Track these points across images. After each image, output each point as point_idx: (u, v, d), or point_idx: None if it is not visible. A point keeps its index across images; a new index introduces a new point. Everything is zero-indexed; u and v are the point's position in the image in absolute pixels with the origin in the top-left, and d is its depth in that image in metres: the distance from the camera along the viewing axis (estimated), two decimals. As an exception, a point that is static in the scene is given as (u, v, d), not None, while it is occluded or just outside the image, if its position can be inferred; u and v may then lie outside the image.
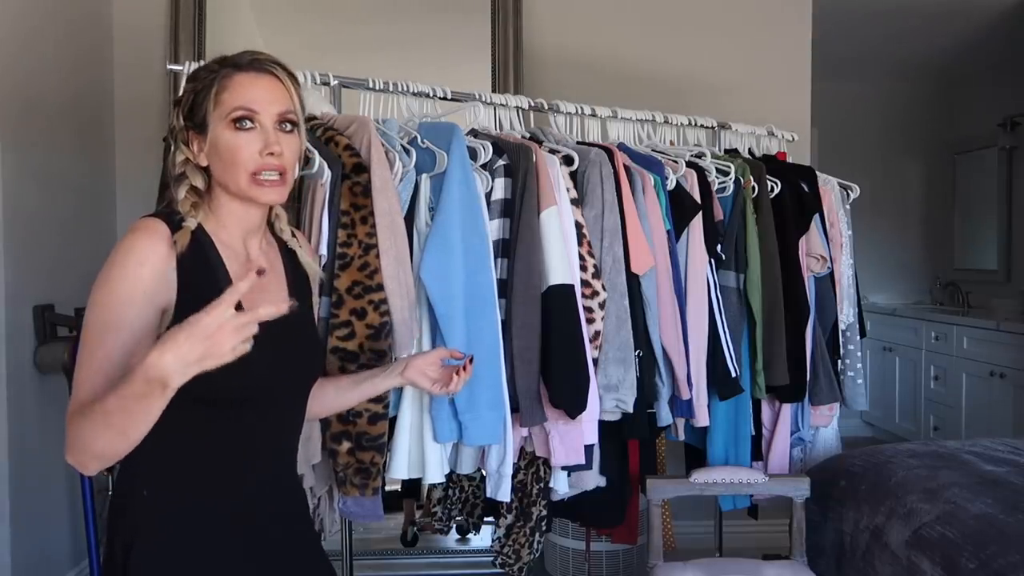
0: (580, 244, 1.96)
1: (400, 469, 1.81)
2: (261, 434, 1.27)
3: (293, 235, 1.41)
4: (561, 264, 1.89)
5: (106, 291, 1.14)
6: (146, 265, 1.14)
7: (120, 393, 1.02)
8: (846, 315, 2.74)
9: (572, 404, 1.87)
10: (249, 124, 1.21)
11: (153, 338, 1.14)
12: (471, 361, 1.47)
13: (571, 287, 1.90)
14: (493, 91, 2.95)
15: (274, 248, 1.36)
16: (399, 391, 1.81)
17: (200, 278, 1.18)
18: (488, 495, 1.91)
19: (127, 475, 1.22)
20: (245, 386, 1.18)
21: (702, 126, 2.60)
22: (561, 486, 2.03)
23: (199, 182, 1.25)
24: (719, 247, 2.30)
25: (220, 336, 0.97)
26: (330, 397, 1.47)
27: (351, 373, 1.56)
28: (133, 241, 1.16)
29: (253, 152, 1.21)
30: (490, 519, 2.24)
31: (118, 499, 1.24)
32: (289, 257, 1.39)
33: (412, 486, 2.83)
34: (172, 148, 1.26)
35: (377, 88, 2.06)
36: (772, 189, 2.44)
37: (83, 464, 1.11)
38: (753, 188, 2.39)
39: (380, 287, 1.69)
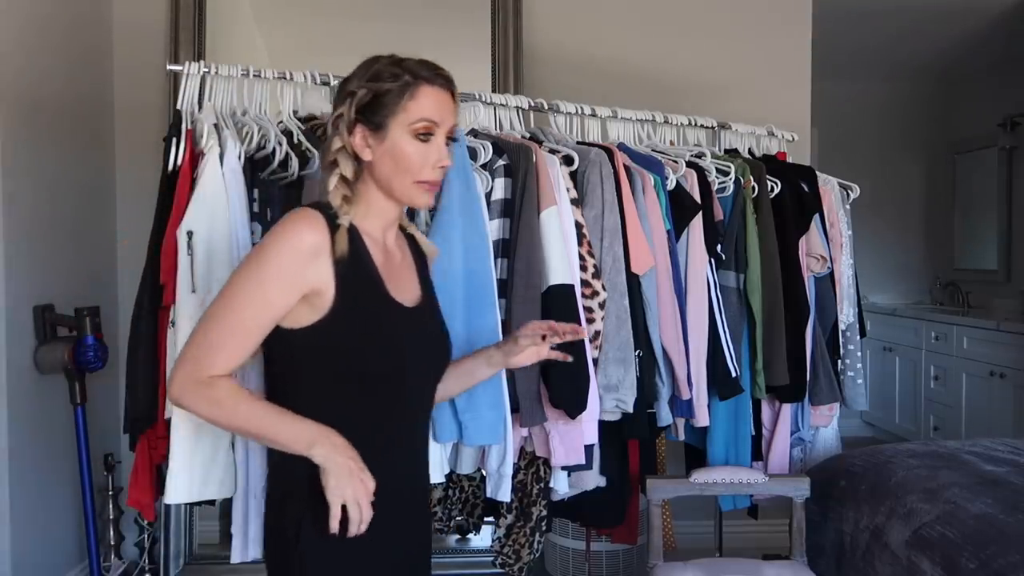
0: (580, 244, 1.96)
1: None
2: (400, 408, 1.35)
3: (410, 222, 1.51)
4: (561, 264, 1.89)
5: (255, 267, 1.23)
6: (299, 251, 1.22)
7: (264, 421, 1.23)
8: (846, 315, 2.74)
9: (572, 404, 1.87)
10: (428, 137, 1.30)
11: (282, 318, 1.24)
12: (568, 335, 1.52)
13: (571, 287, 1.90)
14: (493, 91, 2.95)
15: (402, 238, 1.45)
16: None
17: (354, 270, 1.27)
18: (488, 495, 1.91)
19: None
20: (394, 365, 1.30)
21: (702, 126, 2.60)
22: (561, 486, 2.03)
23: (349, 171, 1.30)
24: (719, 247, 2.30)
25: (354, 482, 1.19)
26: (451, 381, 1.52)
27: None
28: (291, 226, 1.24)
29: (427, 163, 1.30)
30: (490, 519, 2.24)
31: (279, 466, 1.32)
32: (412, 245, 1.47)
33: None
34: (331, 134, 1.32)
35: (377, 88, 2.05)
36: (772, 189, 2.44)
37: (179, 406, 1.25)
38: (753, 188, 2.39)
39: (380, 287, 1.69)
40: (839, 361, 2.67)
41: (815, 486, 2.24)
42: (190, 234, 1.61)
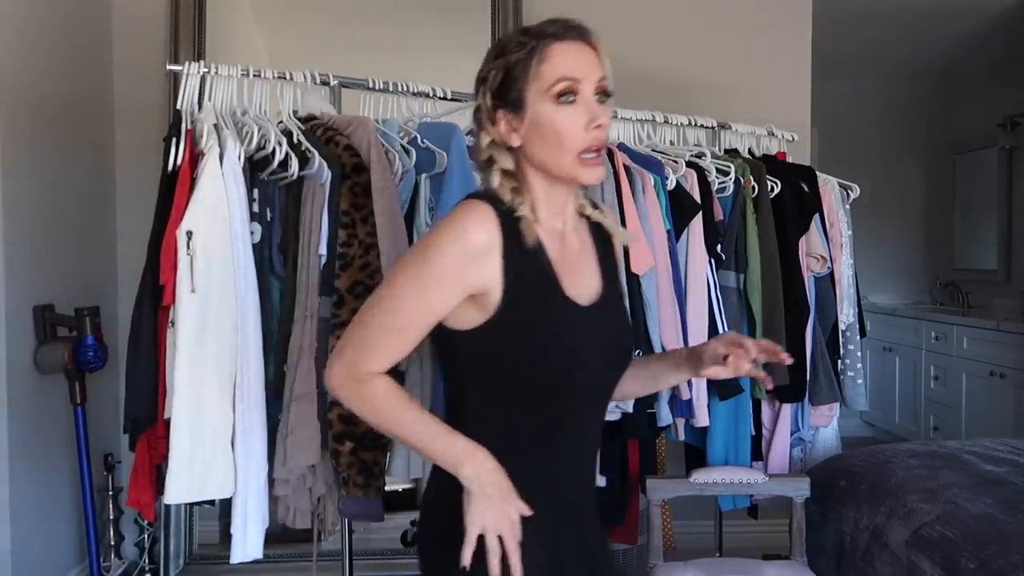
0: (580, 244, 1.96)
1: (400, 469, 1.81)
2: (570, 418, 1.23)
3: (595, 206, 1.31)
4: None
5: (419, 265, 1.15)
6: (465, 252, 1.13)
7: (416, 429, 1.17)
8: (846, 315, 2.74)
9: None
10: (571, 97, 1.14)
11: (445, 318, 1.16)
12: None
13: None
14: (493, 91, 2.95)
15: (583, 223, 1.29)
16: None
17: (525, 267, 1.16)
18: (488, 495, 1.91)
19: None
20: (563, 371, 1.18)
21: (702, 126, 2.60)
22: (561, 486, 2.03)
23: (508, 164, 1.20)
24: (719, 247, 2.30)
25: (496, 511, 1.12)
26: (634, 383, 1.42)
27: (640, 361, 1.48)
28: (459, 223, 1.15)
29: (578, 128, 1.14)
30: (490, 519, 2.24)
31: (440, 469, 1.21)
32: (594, 230, 1.30)
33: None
34: (477, 130, 1.22)
35: (377, 88, 2.06)
36: (772, 189, 2.44)
37: (337, 397, 1.19)
38: (753, 188, 2.39)
39: (380, 287, 1.69)
40: (839, 361, 2.67)
41: (815, 486, 2.24)
42: (190, 234, 1.61)
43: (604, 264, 1.28)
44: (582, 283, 1.22)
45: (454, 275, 1.13)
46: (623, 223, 2.03)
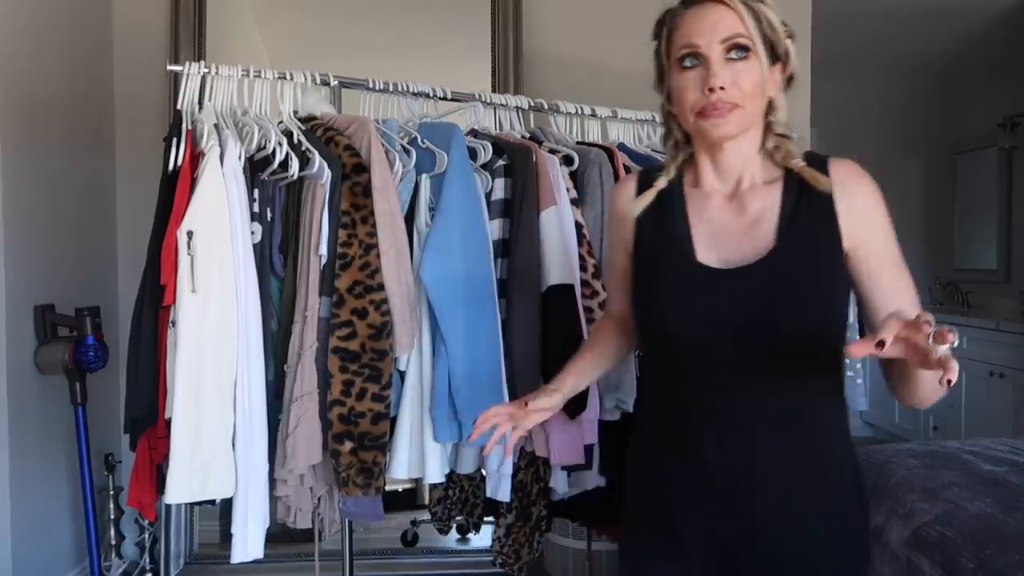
0: (580, 244, 1.96)
1: (400, 469, 1.82)
2: (691, 384, 1.21)
3: (808, 163, 1.23)
4: (561, 264, 1.89)
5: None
6: (614, 215, 1.34)
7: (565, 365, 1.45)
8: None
9: (570, 405, 1.86)
10: (692, 62, 1.16)
11: (629, 279, 1.30)
12: None
13: (570, 287, 1.90)
14: (493, 91, 2.95)
15: (773, 184, 1.22)
16: (399, 391, 1.81)
17: (651, 230, 1.27)
18: (488, 495, 1.91)
19: None
20: (669, 333, 1.21)
21: (702, 126, 2.60)
22: (561, 486, 2.03)
23: (677, 132, 1.27)
24: (719, 247, 2.30)
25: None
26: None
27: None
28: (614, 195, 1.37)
29: (696, 91, 1.16)
30: (490, 519, 2.24)
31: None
32: (796, 187, 1.21)
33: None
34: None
35: (377, 88, 2.06)
36: (772, 189, 2.43)
37: None
38: (753, 188, 2.38)
39: (381, 287, 1.69)
40: (839, 361, 2.66)
41: (815, 486, 2.24)
42: (190, 234, 1.61)
43: (795, 221, 1.18)
44: (731, 246, 1.19)
45: (615, 237, 1.35)
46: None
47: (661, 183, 1.26)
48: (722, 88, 1.14)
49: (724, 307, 1.16)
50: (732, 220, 1.21)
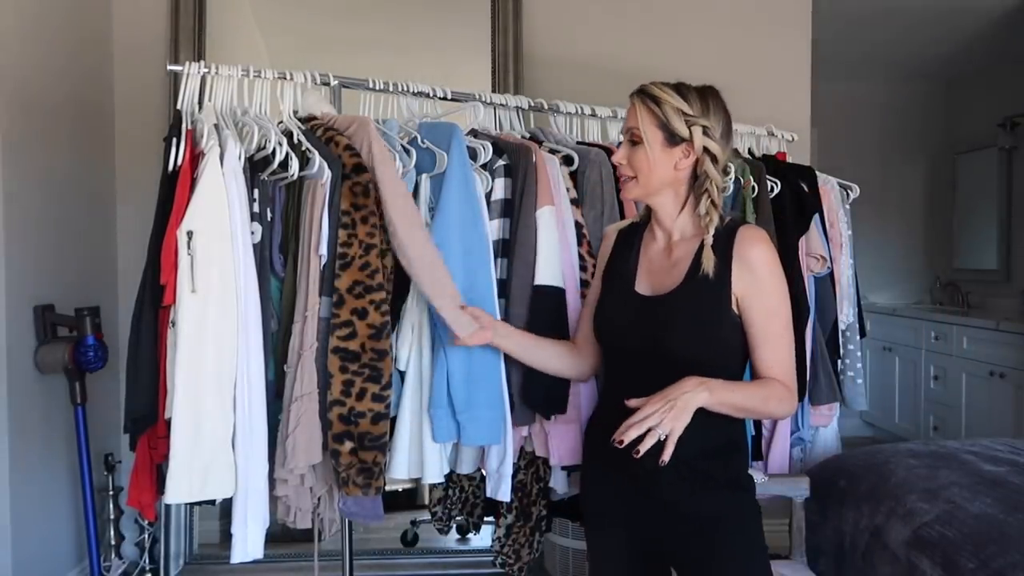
0: (580, 244, 1.96)
1: (400, 469, 1.81)
2: (618, 382, 1.59)
3: (724, 227, 1.53)
4: (549, 265, 1.86)
5: None
6: (604, 244, 1.74)
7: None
8: (846, 315, 2.74)
9: (545, 405, 1.86)
10: (623, 140, 1.58)
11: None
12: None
13: (558, 290, 1.87)
14: (493, 91, 2.95)
15: (696, 239, 1.54)
16: (399, 391, 1.81)
17: (618, 259, 1.66)
18: (488, 495, 1.91)
19: None
20: (605, 342, 1.64)
21: (702, 126, 2.59)
22: (561, 486, 2.03)
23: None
24: (719, 247, 2.30)
25: None
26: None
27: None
28: None
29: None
30: (490, 519, 2.24)
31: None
32: (714, 242, 1.52)
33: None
34: None
35: (377, 88, 2.06)
36: (772, 189, 2.44)
37: None
38: (753, 188, 2.38)
39: (381, 287, 1.69)
40: (839, 361, 2.67)
41: (815, 486, 2.24)
42: (190, 234, 1.61)
43: (692, 271, 1.51)
44: (655, 281, 1.57)
45: (599, 262, 1.73)
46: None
47: (622, 224, 1.71)
48: (621, 164, 1.57)
49: (643, 326, 1.53)
50: (662, 261, 1.59)
